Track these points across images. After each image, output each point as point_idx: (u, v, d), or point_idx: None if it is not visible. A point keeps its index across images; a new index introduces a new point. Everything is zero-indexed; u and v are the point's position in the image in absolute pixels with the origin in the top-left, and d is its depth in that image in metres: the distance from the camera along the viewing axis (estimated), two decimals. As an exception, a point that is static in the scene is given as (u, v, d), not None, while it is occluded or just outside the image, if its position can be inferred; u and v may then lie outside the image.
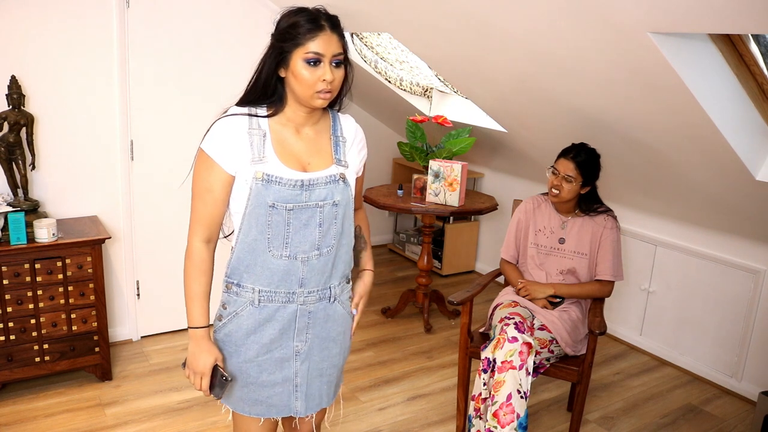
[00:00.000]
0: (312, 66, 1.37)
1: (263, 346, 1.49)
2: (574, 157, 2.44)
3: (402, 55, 3.59)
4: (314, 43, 1.36)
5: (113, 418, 2.58)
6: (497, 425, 2.13)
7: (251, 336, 1.48)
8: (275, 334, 1.49)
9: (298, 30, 1.36)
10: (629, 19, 1.84)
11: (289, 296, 1.47)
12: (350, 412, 2.73)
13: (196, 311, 1.46)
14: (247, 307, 1.47)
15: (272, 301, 1.47)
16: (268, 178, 1.39)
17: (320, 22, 1.37)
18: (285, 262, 1.44)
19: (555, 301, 2.48)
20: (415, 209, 3.36)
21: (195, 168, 1.44)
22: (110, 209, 3.07)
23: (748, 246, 2.98)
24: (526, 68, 2.58)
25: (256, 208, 1.40)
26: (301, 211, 1.42)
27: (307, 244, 1.44)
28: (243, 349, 1.49)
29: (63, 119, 2.87)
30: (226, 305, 1.50)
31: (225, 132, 1.40)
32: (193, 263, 1.45)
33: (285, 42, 1.37)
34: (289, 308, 1.48)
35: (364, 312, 3.81)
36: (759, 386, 2.94)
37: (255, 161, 1.40)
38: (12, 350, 2.62)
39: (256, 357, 1.49)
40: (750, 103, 2.27)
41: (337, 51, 1.39)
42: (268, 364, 1.50)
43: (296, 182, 1.41)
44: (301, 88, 1.39)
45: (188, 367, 1.48)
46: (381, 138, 5.00)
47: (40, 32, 2.73)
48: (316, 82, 1.37)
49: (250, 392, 1.52)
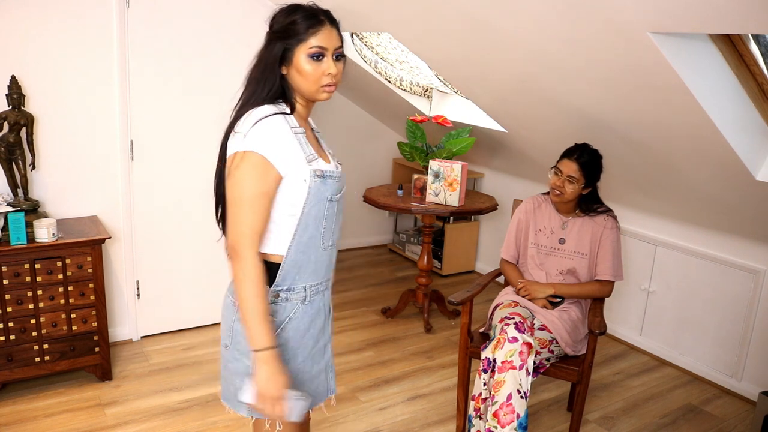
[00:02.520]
0: (316, 60, 1.38)
1: (315, 339, 1.52)
2: (577, 158, 2.43)
3: (402, 55, 3.59)
4: (316, 38, 1.37)
5: (113, 418, 2.58)
6: (497, 425, 2.13)
7: (307, 334, 1.50)
8: (321, 323, 1.53)
9: (299, 26, 1.37)
10: (629, 19, 1.84)
11: (326, 283, 1.53)
12: (350, 412, 2.73)
13: (265, 331, 1.35)
14: (299, 307, 1.47)
15: (317, 293, 1.50)
16: (323, 174, 1.42)
17: (319, 17, 1.39)
18: (329, 251, 1.50)
19: (555, 301, 2.48)
20: (415, 209, 3.36)
21: (244, 173, 1.34)
22: (110, 209, 3.07)
23: (748, 246, 2.98)
24: (526, 68, 2.58)
25: (316, 205, 1.42)
26: (342, 200, 1.51)
27: (339, 230, 1.53)
28: (301, 349, 1.49)
29: (63, 119, 2.87)
30: (274, 316, 1.44)
31: (276, 132, 1.37)
32: (255, 279, 1.35)
33: (287, 39, 1.37)
34: (326, 295, 1.55)
35: (365, 312, 3.81)
36: (759, 386, 2.94)
37: (309, 160, 1.41)
38: (12, 350, 2.62)
39: (311, 352, 1.52)
40: (750, 103, 2.27)
41: (338, 44, 1.41)
42: (317, 355, 1.54)
43: (341, 174, 1.49)
44: (306, 83, 1.40)
45: (261, 395, 1.37)
46: (381, 138, 5.00)
47: (40, 32, 2.73)
48: (320, 76, 1.39)
49: (303, 388, 1.51)
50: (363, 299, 4.04)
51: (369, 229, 5.16)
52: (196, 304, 3.37)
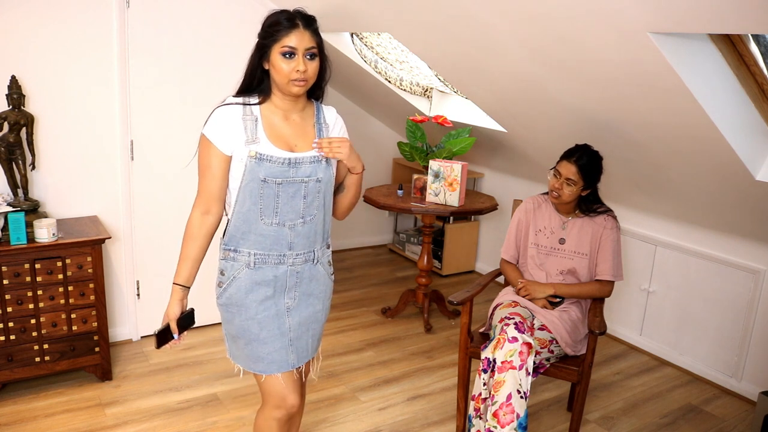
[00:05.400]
0: (287, 58, 1.60)
1: (260, 303, 1.72)
2: (576, 160, 2.42)
3: (402, 55, 3.59)
4: (289, 38, 1.59)
5: (113, 418, 2.58)
6: (497, 425, 2.13)
7: (249, 295, 1.71)
8: (270, 292, 1.72)
9: (276, 28, 1.61)
10: (629, 19, 1.84)
11: (280, 258, 1.71)
12: (350, 412, 2.73)
13: (181, 270, 1.72)
14: (244, 269, 1.70)
15: (266, 263, 1.70)
16: (260, 157, 1.62)
17: (296, 21, 1.61)
18: (275, 228, 1.68)
19: (555, 301, 2.48)
20: (415, 209, 3.36)
21: (198, 150, 1.70)
22: (110, 209, 3.07)
23: (748, 246, 2.98)
24: (526, 68, 2.58)
25: (250, 182, 1.63)
26: (289, 185, 1.66)
27: (293, 213, 1.69)
28: (244, 308, 1.72)
29: (63, 119, 2.87)
30: (224, 271, 1.73)
31: (222, 118, 1.65)
32: (189, 230, 1.71)
33: (266, 39, 1.62)
34: (280, 269, 1.72)
35: (365, 312, 3.81)
36: (759, 386, 2.94)
37: (249, 142, 1.63)
38: (12, 350, 2.62)
39: (256, 314, 1.72)
40: (750, 103, 2.27)
41: (310, 45, 1.62)
42: (267, 321, 1.73)
43: (284, 160, 1.65)
44: (279, 78, 1.62)
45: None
46: (381, 138, 5.00)
47: (40, 32, 2.73)
48: (291, 72, 1.60)
49: (253, 349, 1.74)
50: (363, 299, 4.04)
51: (369, 229, 5.16)
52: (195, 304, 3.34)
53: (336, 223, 4.99)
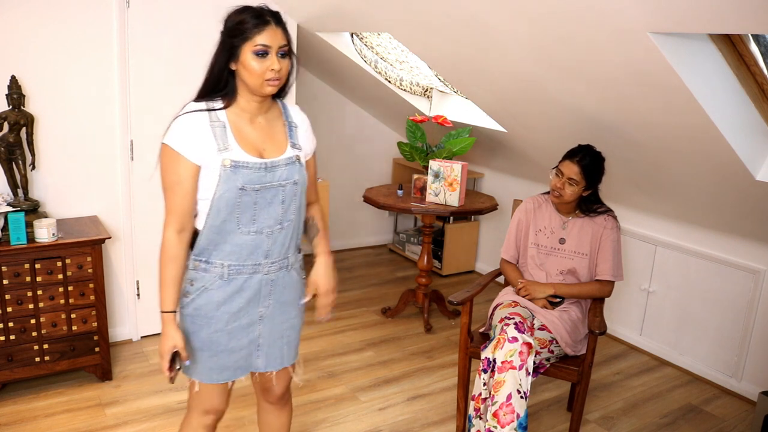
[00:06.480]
0: (260, 57, 1.51)
1: (233, 315, 1.64)
2: (579, 160, 2.42)
3: (402, 55, 3.59)
4: (261, 36, 1.50)
5: (113, 418, 2.58)
6: (497, 425, 2.13)
7: (222, 307, 1.63)
8: (243, 303, 1.65)
9: (246, 25, 1.51)
10: (629, 19, 1.84)
11: (255, 267, 1.63)
12: (350, 412, 2.73)
13: (167, 296, 1.58)
14: (216, 281, 1.62)
15: (240, 274, 1.62)
16: (235, 164, 1.54)
17: (265, 17, 1.52)
18: (253, 237, 1.60)
19: (555, 301, 2.48)
20: (415, 209, 3.36)
21: (162, 163, 1.56)
22: (110, 209, 3.07)
23: (748, 246, 2.98)
24: (526, 68, 2.58)
25: (226, 192, 1.54)
26: (267, 191, 1.59)
27: (271, 220, 1.61)
28: (214, 320, 1.63)
29: (63, 119, 2.87)
30: (193, 282, 1.63)
31: (189, 126, 1.54)
32: (167, 252, 1.58)
33: (235, 37, 1.52)
34: (255, 278, 1.64)
35: (365, 312, 3.81)
36: (759, 386, 2.94)
37: (221, 150, 1.54)
38: (12, 350, 2.62)
39: (226, 326, 1.65)
40: (750, 103, 2.27)
41: (283, 42, 1.54)
42: (237, 331, 1.66)
43: (261, 165, 1.57)
44: (251, 78, 1.53)
45: (158, 349, 1.63)
46: (381, 138, 5.00)
47: (40, 32, 2.73)
48: (265, 71, 1.52)
49: (220, 360, 1.67)
50: (363, 299, 4.04)
51: (369, 229, 5.16)
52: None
53: (336, 223, 5.02)
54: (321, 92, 4.60)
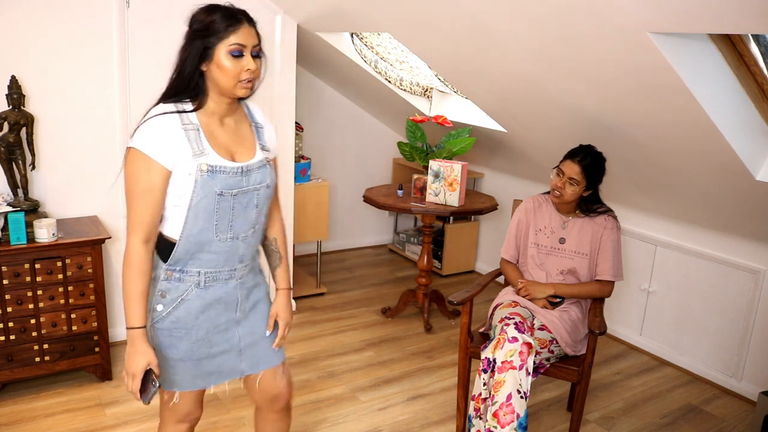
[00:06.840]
0: (236, 57, 1.45)
1: (212, 322, 1.61)
2: (580, 160, 2.42)
3: (402, 55, 3.59)
4: (236, 36, 1.45)
5: (113, 418, 2.58)
6: (497, 425, 2.13)
7: (201, 316, 1.59)
8: (221, 308, 1.62)
9: (218, 25, 1.44)
10: (629, 19, 1.84)
11: (231, 273, 1.61)
12: (350, 412, 2.73)
13: (136, 312, 1.49)
14: (193, 290, 1.57)
15: (217, 280, 1.59)
16: (212, 169, 1.48)
17: (238, 16, 1.47)
18: (230, 243, 1.57)
19: (555, 301, 2.48)
20: (415, 209, 3.36)
21: (130, 169, 1.46)
22: (110, 209, 3.07)
23: (748, 246, 2.98)
24: (526, 68, 2.58)
25: (203, 198, 1.48)
26: (243, 195, 1.55)
27: (246, 224, 1.59)
28: (194, 329, 1.59)
29: (63, 119, 2.87)
30: (166, 293, 1.56)
31: (161, 130, 1.46)
32: (133, 264, 1.48)
33: (208, 37, 1.45)
34: (230, 284, 1.62)
35: (365, 312, 3.81)
36: (759, 386, 2.94)
37: (196, 155, 1.47)
38: (12, 350, 2.62)
39: (206, 334, 1.62)
40: (750, 103, 2.27)
41: (255, 42, 1.49)
42: (217, 338, 1.64)
43: (237, 169, 1.52)
44: (225, 79, 1.47)
45: (124, 368, 1.51)
46: (381, 138, 5.00)
47: (40, 32, 2.73)
48: (239, 72, 1.46)
49: (203, 367, 1.64)
50: (363, 299, 4.04)
51: (369, 229, 5.16)
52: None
53: (336, 223, 5.02)
54: (321, 92, 4.60)
